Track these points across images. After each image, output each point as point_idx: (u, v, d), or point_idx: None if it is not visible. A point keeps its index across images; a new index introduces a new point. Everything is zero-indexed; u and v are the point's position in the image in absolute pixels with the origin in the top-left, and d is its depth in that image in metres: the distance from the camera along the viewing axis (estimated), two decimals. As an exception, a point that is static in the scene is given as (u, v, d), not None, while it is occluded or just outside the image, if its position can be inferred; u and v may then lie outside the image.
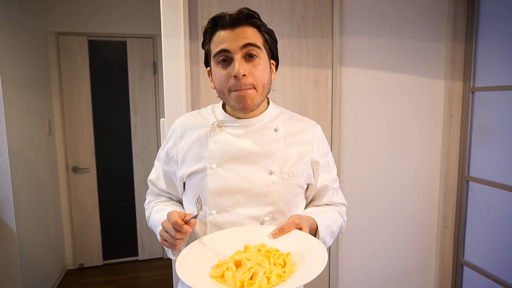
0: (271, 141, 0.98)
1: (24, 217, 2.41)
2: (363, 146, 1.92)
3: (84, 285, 3.07)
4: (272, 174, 0.96)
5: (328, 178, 1.07)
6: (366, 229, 1.98)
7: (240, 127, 0.98)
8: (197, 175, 0.98)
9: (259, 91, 0.93)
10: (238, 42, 0.89)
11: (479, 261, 1.94)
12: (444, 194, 2.01)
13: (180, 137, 1.03)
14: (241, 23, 0.90)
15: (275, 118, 1.03)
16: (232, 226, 0.95)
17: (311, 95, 1.83)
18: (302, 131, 1.04)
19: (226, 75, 0.91)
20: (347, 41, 1.82)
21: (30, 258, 2.47)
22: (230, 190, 0.95)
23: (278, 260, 0.80)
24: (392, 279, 2.06)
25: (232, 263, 0.80)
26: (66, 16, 3.04)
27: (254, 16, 0.92)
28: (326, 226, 0.98)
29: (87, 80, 3.20)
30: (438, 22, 1.93)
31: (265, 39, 0.95)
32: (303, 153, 1.01)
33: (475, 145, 1.95)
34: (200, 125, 1.02)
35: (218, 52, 0.90)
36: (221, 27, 0.91)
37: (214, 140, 0.97)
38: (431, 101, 1.98)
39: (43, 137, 2.88)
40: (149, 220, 1.09)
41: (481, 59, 1.89)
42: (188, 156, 1.00)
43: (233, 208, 0.95)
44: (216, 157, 0.96)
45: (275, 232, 0.89)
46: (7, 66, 2.27)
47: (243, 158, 0.96)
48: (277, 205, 0.96)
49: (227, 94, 0.93)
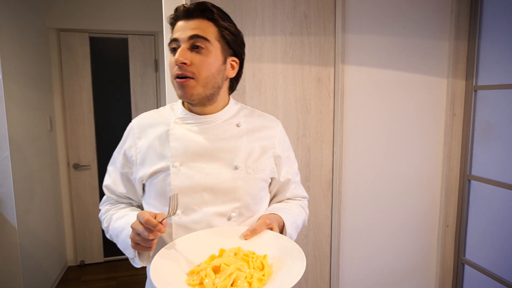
0: (234, 136, 0.97)
1: (25, 214, 2.42)
2: (364, 144, 1.92)
3: (85, 281, 3.07)
4: (237, 169, 0.95)
5: (291, 172, 1.08)
6: (367, 227, 1.98)
7: (201, 124, 0.96)
8: (159, 175, 0.94)
9: (200, 82, 0.90)
10: (187, 32, 0.89)
11: (480, 260, 1.94)
12: (446, 192, 2.01)
13: (138, 137, 0.99)
14: (196, 16, 0.90)
15: (236, 113, 1.02)
16: (199, 225, 0.92)
17: (313, 93, 1.82)
18: (264, 127, 1.04)
19: (172, 62, 0.91)
20: (350, 39, 1.81)
21: (31, 255, 2.48)
22: (196, 188, 0.92)
23: (256, 263, 0.79)
24: (393, 278, 2.06)
25: (210, 269, 0.77)
26: (67, 12, 3.03)
27: (210, 9, 0.91)
28: (292, 222, 0.99)
29: (88, 77, 3.20)
30: (441, 20, 1.92)
31: (222, 34, 0.92)
32: (266, 147, 1.01)
33: (477, 143, 1.94)
34: (159, 123, 0.99)
35: (171, 41, 0.92)
36: (180, 18, 0.92)
37: (176, 137, 0.95)
38: (433, 99, 1.97)
39: (44, 134, 2.88)
40: (108, 230, 1.02)
41: (484, 57, 1.88)
42: (149, 155, 0.96)
43: (199, 206, 0.93)
44: (179, 155, 0.93)
45: (247, 234, 0.87)
46: (9, 62, 2.26)
47: (207, 155, 0.94)
48: (243, 201, 0.95)
49: (173, 82, 0.92)
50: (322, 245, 1.92)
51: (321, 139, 1.86)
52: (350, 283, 2.00)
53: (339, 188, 1.88)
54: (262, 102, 1.76)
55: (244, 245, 0.86)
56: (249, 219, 0.98)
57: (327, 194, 1.90)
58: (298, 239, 1.85)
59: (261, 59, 1.74)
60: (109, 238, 1.04)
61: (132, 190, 1.03)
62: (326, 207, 1.91)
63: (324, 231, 1.92)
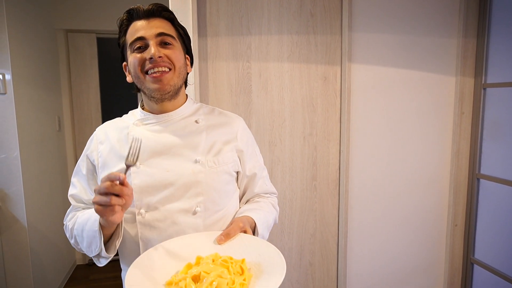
0: (193, 132, 0.98)
1: (35, 213, 2.44)
2: (372, 143, 1.91)
3: (93, 280, 3.10)
4: (198, 163, 0.95)
5: (257, 166, 1.09)
6: (375, 226, 1.97)
7: (159, 123, 0.98)
8: None
9: (176, 72, 0.94)
10: (153, 30, 0.91)
11: (489, 259, 1.92)
12: (454, 191, 1.99)
13: (100, 142, 1.01)
14: (155, 15, 0.93)
15: (195, 111, 1.03)
16: (163, 223, 0.92)
17: (320, 92, 1.82)
18: (225, 123, 1.05)
19: (141, 59, 0.91)
20: (356, 38, 1.80)
21: (40, 254, 2.51)
22: (157, 186, 0.92)
23: (235, 268, 0.77)
24: (400, 277, 2.05)
25: (190, 279, 0.73)
26: (75, 13, 3.06)
27: (168, 10, 0.96)
28: (263, 222, 0.99)
29: (96, 77, 3.22)
30: (449, 18, 1.90)
31: (179, 33, 0.98)
32: (227, 141, 1.02)
33: (486, 142, 1.92)
34: (121, 127, 1.01)
35: (134, 40, 0.91)
36: (136, 18, 0.93)
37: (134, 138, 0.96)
38: (441, 97, 1.96)
39: (53, 133, 2.91)
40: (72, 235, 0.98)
41: (493, 54, 1.86)
42: (110, 158, 0.97)
43: (162, 204, 0.92)
44: None
45: (221, 238, 0.87)
46: (19, 64, 2.29)
47: (166, 152, 0.95)
48: (207, 194, 0.95)
49: (142, 78, 0.93)
50: (329, 243, 1.92)
51: (327, 138, 1.86)
52: (357, 282, 1.99)
53: (346, 186, 1.88)
54: (268, 101, 1.76)
55: (220, 251, 0.84)
56: (217, 214, 0.98)
57: (334, 193, 1.90)
58: (304, 238, 1.86)
59: (268, 58, 1.74)
60: (73, 245, 1.00)
61: None
62: (333, 206, 1.90)
63: (331, 229, 1.91)
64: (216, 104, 1.68)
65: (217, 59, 1.67)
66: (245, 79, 1.72)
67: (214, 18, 1.65)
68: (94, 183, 1.02)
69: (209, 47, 1.64)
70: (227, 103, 1.71)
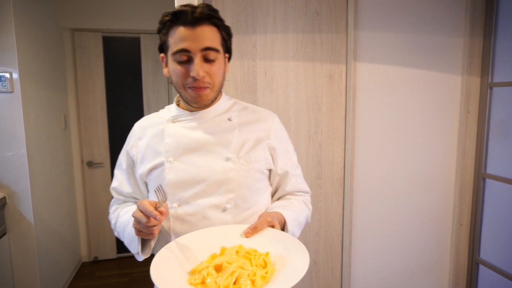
0: (226, 130, 1.00)
1: (41, 211, 2.47)
2: (377, 142, 1.90)
3: (99, 277, 3.12)
4: (229, 161, 0.97)
5: (289, 164, 1.09)
6: (379, 225, 1.96)
7: (193, 120, 1.00)
8: (155, 170, 0.99)
9: (214, 89, 0.96)
10: (198, 43, 0.90)
11: (495, 260, 1.91)
12: (460, 191, 1.98)
13: (139, 138, 1.05)
14: (202, 22, 0.90)
15: (229, 109, 1.04)
16: (194, 217, 0.95)
17: (325, 91, 1.81)
18: (258, 120, 1.05)
19: (184, 73, 0.92)
20: (362, 36, 1.80)
21: (47, 251, 2.53)
22: (189, 181, 0.96)
23: (258, 261, 0.77)
24: (405, 276, 2.04)
25: (212, 268, 0.76)
26: (81, 12, 3.08)
27: (215, 16, 0.93)
28: (293, 219, 0.99)
29: (102, 76, 3.24)
30: (455, 16, 1.89)
31: (223, 37, 0.96)
32: (260, 139, 1.02)
33: (492, 141, 1.91)
34: (157, 123, 1.04)
35: (178, 51, 0.91)
36: (182, 23, 0.90)
37: (169, 134, 0.99)
38: (447, 96, 1.95)
39: (59, 132, 2.94)
40: (115, 228, 1.07)
41: (499, 53, 1.85)
42: (147, 153, 1.02)
43: (194, 199, 0.96)
44: (172, 150, 0.98)
45: (248, 231, 0.88)
46: (25, 63, 2.31)
47: (199, 149, 0.97)
48: (238, 192, 0.97)
49: (182, 89, 0.95)
50: (333, 242, 1.92)
51: (332, 137, 1.86)
52: (362, 281, 1.99)
53: (351, 185, 1.88)
54: (273, 99, 1.77)
55: (246, 243, 0.85)
56: (247, 211, 0.99)
57: (339, 191, 1.89)
58: (309, 236, 1.85)
59: (273, 57, 1.74)
60: (117, 236, 1.08)
61: (137, 189, 1.08)
62: (338, 205, 1.90)
63: (335, 228, 1.91)
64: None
65: (223, 58, 1.67)
66: (251, 78, 1.73)
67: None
68: (133, 178, 1.07)
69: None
70: (232, 101, 1.71)
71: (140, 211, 0.82)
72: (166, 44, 0.95)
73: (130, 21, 3.18)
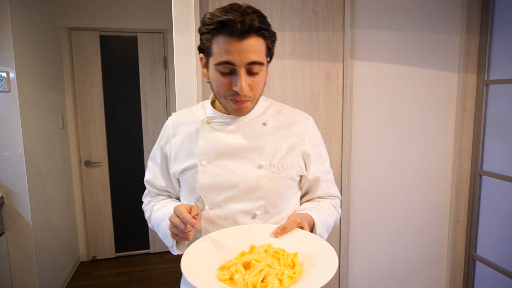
0: (260, 135, 0.99)
1: (39, 210, 2.47)
2: (374, 140, 1.91)
3: (97, 276, 3.13)
4: (262, 168, 0.96)
5: (321, 170, 1.07)
6: (377, 223, 1.97)
7: (228, 123, 0.99)
8: (188, 171, 1.00)
9: (254, 101, 0.96)
10: (244, 57, 0.86)
11: (492, 256, 1.92)
12: (457, 188, 1.99)
13: (173, 135, 1.04)
14: (250, 34, 0.85)
15: (264, 111, 1.03)
16: (225, 221, 0.96)
17: (322, 89, 1.82)
18: (293, 123, 1.04)
19: (227, 85, 0.90)
20: (359, 34, 1.81)
21: (45, 250, 2.53)
22: (221, 186, 0.96)
23: (286, 261, 0.79)
24: (403, 273, 2.05)
25: (241, 265, 0.77)
26: (78, 11, 3.07)
27: (264, 28, 0.88)
28: (322, 222, 0.99)
29: (99, 75, 3.24)
30: (452, 14, 1.90)
31: (268, 46, 0.92)
32: (294, 145, 1.01)
33: (488, 138, 1.92)
34: (191, 121, 1.03)
35: (222, 62, 0.87)
36: (229, 34, 0.85)
37: (204, 137, 0.99)
38: (444, 94, 1.96)
39: (56, 131, 2.93)
40: (149, 220, 1.10)
41: (495, 51, 1.86)
42: (180, 152, 1.02)
43: (225, 203, 0.96)
44: (205, 153, 0.97)
45: (277, 231, 0.88)
46: (22, 62, 2.31)
47: (233, 154, 0.97)
48: (268, 199, 0.97)
49: (223, 99, 0.94)
50: (331, 240, 1.93)
51: (329, 135, 1.86)
52: (360, 278, 2.00)
53: (348, 183, 1.88)
54: (270, 98, 1.76)
55: (274, 243, 0.86)
56: (275, 217, 1.00)
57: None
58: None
59: (270, 55, 1.74)
60: (151, 228, 1.10)
61: (170, 184, 1.09)
62: (335, 203, 1.91)
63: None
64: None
65: (220, 57, 1.67)
66: (248, 76, 1.73)
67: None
68: (166, 173, 1.08)
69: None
70: (229, 100, 1.72)
71: (177, 217, 0.84)
72: (209, 50, 0.91)
73: (127, 20, 3.17)
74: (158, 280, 3.07)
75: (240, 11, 0.86)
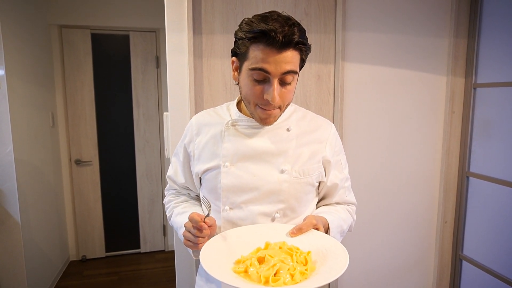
0: (283, 140, 1.01)
1: (28, 209, 2.44)
2: (364, 141, 1.93)
3: (87, 276, 3.11)
4: (284, 173, 0.99)
5: (339, 177, 1.09)
6: (366, 224, 2.00)
7: (253, 127, 1.01)
8: (211, 171, 1.02)
9: (283, 109, 0.97)
10: (280, 67, 0.86)
11: (478, 256, 1.96)
12: (444, 189, 2.03)
13: (196, 134, 1.07)
14: (289, 47, 0.86)
15: (289, 117, 1.05)
16: (244, 221, 0.99)
17: (313, 90, 1.84)
18: (315, 130, 1.06)
19: (259, 93, 0.90)
20: (350, 37, 1.83)
21: (34, 250, 2.51)
22: (243, 188, 0.99)
23: (299, 258, 0.82)
24: (391, 273, 2.08)
25: (255, 260, 0.82)
26: (69, 9, 3.04)
27: (302, 41, 0.88)
28: (337, 226, 1.01)
29: (90, 73, 3.22)
30: (440, 18, 1.93)
31: (302, 58, 0.93)
32: (315, 152, 1.03)
33: (476, 141, 1.96)
34: (216, 123, 1.05)
35: (258, 69, 0.88)
36: (268, 44, 0.85)
37: (228, 139, 1.01)
38: (432, 97, 1.99)
39: (46, 130, 2.90)
40: (170, 219, 1.14)
41: (483, 55, 1.90)
42: (204, 153, 1.04)
43: (246, 204, 0.99)
44: (229, 155, 1.00)
45: (293, 231, 0.92)
46: (12, 59, 2.28)
47: (256, 157, 0.99)
48: (288, 203, 1.00)
49: (252, 106, 0.94)
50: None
51: (321, 136, 1.88)
52: (349, 278, 2.02)
53: (339, 184, 1.90)
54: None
55: (289, 241, 0.90)
56: (293, 220, 1.02)
57: (327, 190, 1.92)
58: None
59: (262, 56, 1.75)
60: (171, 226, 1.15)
61: (190, 181, 1.12)
62: (326, 203, 1.93)
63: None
64: (211, 101, 1.69)
65: (212, 57, 1.68)
66: (240, 77, 1.74)
67: (209, 15, 1.66)
68: (188, 171, 1.11)
69: (204, 45, 1.65)
70: (221, 101, 1.72)
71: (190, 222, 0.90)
72: (245, 54, 0.90)
73: (119, 18, 3.15)
74: (148, 279, 3.06)
75: (281, 22, 0.85)
